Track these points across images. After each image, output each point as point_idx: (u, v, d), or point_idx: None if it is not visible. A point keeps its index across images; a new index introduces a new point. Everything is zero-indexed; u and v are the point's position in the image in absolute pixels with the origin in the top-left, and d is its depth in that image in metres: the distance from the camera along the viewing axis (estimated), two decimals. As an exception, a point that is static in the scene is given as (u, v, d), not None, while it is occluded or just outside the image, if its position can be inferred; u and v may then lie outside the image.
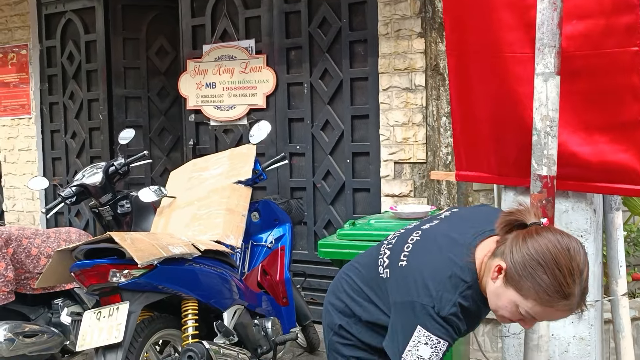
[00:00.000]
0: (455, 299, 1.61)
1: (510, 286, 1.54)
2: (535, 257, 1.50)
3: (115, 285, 2.69)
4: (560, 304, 1.50)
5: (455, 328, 1.63)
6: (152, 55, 5.94)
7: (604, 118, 2.30)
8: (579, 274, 1.49)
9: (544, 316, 1.56)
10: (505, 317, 1.63)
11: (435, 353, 1.61)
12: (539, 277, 1.49)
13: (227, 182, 3.69)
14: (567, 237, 1.56)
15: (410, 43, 4.31)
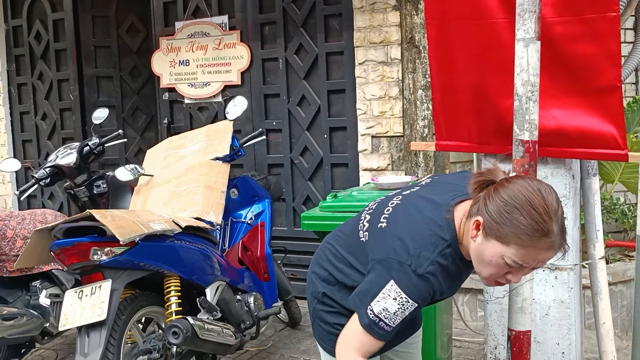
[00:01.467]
0: (433, 257, 1.61)
1: (490, 238, 1.54)
2: (510, 202, 1.51)
3: (96, 263, 2.66)
4: (541, 241, 1.50)
5: (430, 288, 1.62)
6: (123, 33, 5.82)
7: (583, 84, 2.32)
8: (554, 212, 1.51)
9: (529, 258, 1.53)
10: (492, 277, 1.60)
11: (401, 310, 1.61)
12: (516, 219, 1.49)
13: (204, 158, 3.66)
14: (537, 181, 1.57)
15: (385, 16, 4.30)
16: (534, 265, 1.56)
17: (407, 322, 1.66)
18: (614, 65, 2.25)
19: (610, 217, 4.45)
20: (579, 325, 2.65)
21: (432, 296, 1.65)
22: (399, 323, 1.63)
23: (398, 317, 1.62)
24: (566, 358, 2.59)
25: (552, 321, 2.59)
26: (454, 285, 1.75)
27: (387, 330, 1.63)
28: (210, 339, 2.95)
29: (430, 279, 1.60)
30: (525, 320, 2.01)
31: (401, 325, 1.65)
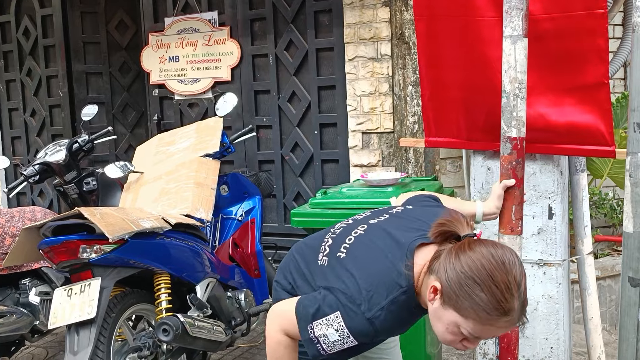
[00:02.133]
0: (385, 303, 1.54)
1: (448, 307, 1.46)
2: (470, 275, 1.42)
3: (85, 261, 2.65)
4: (501, 321, 1.42)
5: (374, 331, 1.56)
6: (112, 29, 5.79)
7: (570, 80, 2.34)
8: (516, 288, 1.42)
9: (486, 334, 1.47)
10: (446, 341, 1.53)
11: (340, 342, 1.57)
12: (476, 295, 1.41)
13: (194, 155, 3.65)
14: (500, 248, 1.47)
15: (375, 12, 4.30)
16: (490, 338, 1.53)
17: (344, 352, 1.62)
18: (601, 61, 2.26)
19: (599, 212, 4.48)
20: (568, 320, 2.67)
21: (374, 338, 1.60)
22: (335, 352, 1.60)
23: (336, 347, 1.59)
24: (554, 353, 2.61)
25: (541, 316, 2.60)
26: (402, 326, 1.69)
27: (321, 353, 1.61)
28: (200, 336, 2.95)
29: (376, 324, 1.55)
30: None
31: (338, 356, 1.62)
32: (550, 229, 2.56)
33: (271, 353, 1.69)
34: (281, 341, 1.66)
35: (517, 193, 1.98)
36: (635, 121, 1.79)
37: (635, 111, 1.79)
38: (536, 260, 2.58)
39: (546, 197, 2.56)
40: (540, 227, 2.57)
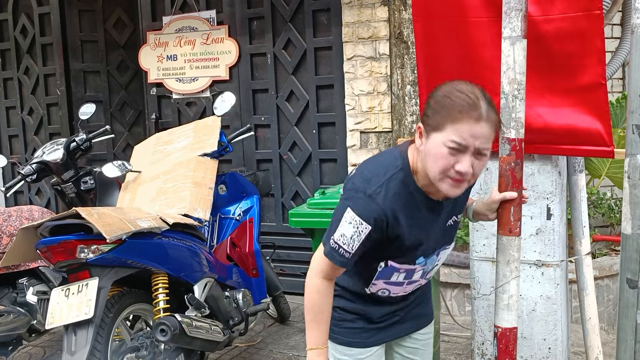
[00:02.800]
0: (383, 180, 1.70)
1: (430, 133, 1.62)
2: (440, 95, 1.62)
3: (83, 261, 2.65)
4: (471, 113, 1.56)
5: (379, 208, 1.67)
6: (110, 27, 5.78)
7: (569, 81, 2.33)
8: (479, 92, 1.60)
9: (465, 133, 1.57)
10: (444, 172, 1.62)
11: (356, 234, 1.69)
12: (446, 104, 1.59)
13: (192, 155, 3.64)
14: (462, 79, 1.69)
15: (373, 11, 4.29)
16: (473, 143, 1.58)
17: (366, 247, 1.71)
18: (598, 62, 2.26)
19: (597, 211, 4.48)
20: (565, 321, 2.67)
21: (385, 221, 1.69)
22: (358, 248, 1.70)
23: (355, 241, 1.69)
24: (552, 353, 2.61)
25: (539, 317, 2.60)
26: (416, 224, 1.75)
27: (345, 257, 1.72)
28: (198, 336, 2.95)
29: (378, 200, 1.67)
30: (511, 317, 2.02)
31: (363, 249, 1.71)
32: (549, 229, 2.56)
33: (306, 301, 1.80)
34: (315, 284, 1.79)
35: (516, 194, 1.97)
36: (634, 123, 1.79)
37: (634, 113, 1.79)
38: (534, 261, 2.58)
39: (544, 198, 2.55)
40: (539, 227, 2.57)
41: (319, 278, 1.79)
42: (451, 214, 1.87)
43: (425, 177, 1.70)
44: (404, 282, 1.88)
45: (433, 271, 1.95)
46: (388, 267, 1.81)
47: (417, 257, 1.82)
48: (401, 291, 1.92)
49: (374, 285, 1.88)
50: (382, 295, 1.91)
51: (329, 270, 1.78)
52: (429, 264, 1.88)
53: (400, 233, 1.73)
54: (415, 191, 1.73)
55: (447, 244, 1.91)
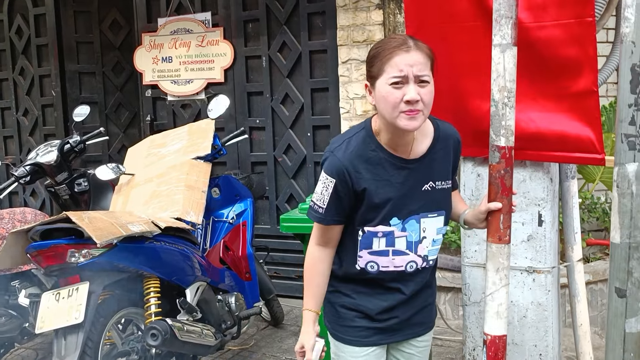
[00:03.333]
0: (344, 139, 1.88)
1: (374, 82, 1.79)
2: (373, 49, 1.82)
3: (74, 265, 2.64)
4: (400, 48, 1.74)
5: (340, 163, 1.83)
6: (105, 29, 5.77)
7: (560, 88, 2.33)
8: (403, 35, 1.83)
9: (402, 64, 1.73)
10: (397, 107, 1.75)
11: (325, 188, 1.86)
12: (380, 49, 1.78)
13: (186, 158, 3.64)
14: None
15: (368, 15, 4.28)
16: (411, 70, 1.73)
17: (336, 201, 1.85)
18: (590, 69, 2.26)
19: (591, 215, 4.48)
20: (557, 327, 2.67)
21: (347, 173, 1.82)
22: (329, 202, 1.85)
23: (324, 196, 1.86)
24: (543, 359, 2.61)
25: (530, 323, 2.60)
26: (381, 179, 1.85)
27: (320, 212, 1.88)
28: (189, 340, 2.94)
29: (339, 154, 1.84)
30: (500, 325, 2.02)
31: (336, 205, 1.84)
32: (540, 236, 2.56)
33: (305, 268, 1.97)
34: (309, 250, 1.96)
35: (506, 202, 1.97)
36: (623, 132, 1.78)
37: (623, 122, 1.78)
38: (526, 267, 2.58)
39: (536, 204, 2.55)
40: (530, 234, 2.57)
41: (312, 244, 1.96)
42: (426, 178, 1.91)
43: (387, 133, 1.84)
44: (388, 251, 1.91)
45: (425, 248, 1.94)
46: (366, 233, 1.89)
47: (390, 216, 1.87)
48: (391, 265, 1.92)
49: (360, 258, 1.93)
50: (372, 272, 1.93)
51: (317, 233, 1.94)
52: (409, 230, 1.90)
53: (366, 186, 1.83)
54: (378, 148, 1.86)
55: (429, 211, 1.92)
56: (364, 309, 1.98)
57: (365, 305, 1.98)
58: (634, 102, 1.77)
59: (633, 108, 1.77)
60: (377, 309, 1.97)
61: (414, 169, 1.88)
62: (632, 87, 1.77)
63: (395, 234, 1.89)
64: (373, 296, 1.97)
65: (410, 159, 1.87)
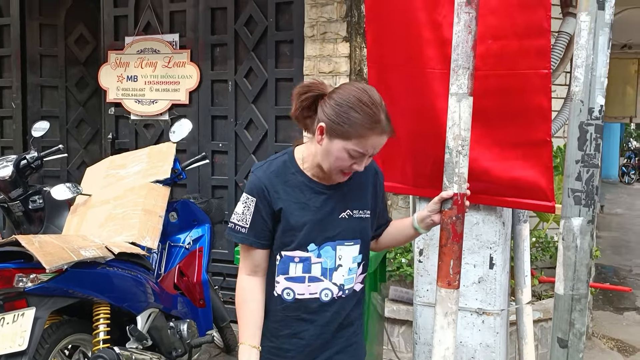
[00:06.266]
0: (266, 161, 1.92)
1: (334, 137, 1.78)
2: (344, 104, 1.76)
3: (21, 290, 2.58)
4: (375, 129, 1.76)
5: (259, 181, 1.85)
6: (71, 43, 5.72)
7: (515, 136, 2.39)
8: (379, 104, 1.79)
9: (368, 146, 1.78)
10: (339, 169, 1.82)
11: (246, 207, 1.86)
12: (352, 116, 1.75)
13: (145, 181, 3.61)
14: (359, 83, 1.87)
15: (335, 46, 4.34)
16: (372, 152, 1.80)
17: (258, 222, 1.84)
18: (544, 120, 2.32)
19: (545, 254, 4.57)
20: (504, 369, 2.71)
21: (266, 190, 1.84)
22: (251, 222, 1.84)
23: (246, 215, 1.85)
24: (490, 401, 2.64)
25: (478, 364, 2.63)
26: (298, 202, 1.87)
27: (242, 232, 1.86)
28: (137, 370, 2.89)
29: (259, 173, 1.87)
30: (447, 368, 2.04)
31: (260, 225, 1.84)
32: (491, 278, 2.60)
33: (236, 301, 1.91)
34: (240, 283, 1.91)
35: (456, 248, 2.00)
36: (569, 187, 1.84)
37: (570, 177, 1.84)
38: (475, 309, 2.62)
39: (488, 247, 2.60)
40: (481, 276, 2.61)
41: (241, 275, 1.92)
42: (344, 206, 1.92)
43: (313, 166, 1.88)
44: (305, 277, 1.89)
45: (341, 276, 1.91)
46: (283, 257, 1.88)
47: (307, 241, 1.87)
48: (306, 292, 1.89)
49: (277, 284, 1.90)
50: (288, 300, 1.89)
51: (244, 261, 1.91)
52: (324, 256, 1.88)
53: (282, 206, 1.85)
54: (297, 172, 1.89)
55: (345, 239, 1.92)
56: (283, 353, 1.91)
57: (285, 347, 1.91)
58: (580, 159, 1.83)
59: (580, 164, 1.83)
60: (295, 349, 1.91)
61: (332, 195, 1.90)
62: (580, 144, 1.83)
63: (312, 259, 1.89)
64: (291, 336, 1.91)
65: (328, 185, 1.90)
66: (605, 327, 5.27)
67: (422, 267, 2.73)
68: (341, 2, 4.29)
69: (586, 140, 1.81)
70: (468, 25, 1.96)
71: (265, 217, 1.85)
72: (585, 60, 1.79)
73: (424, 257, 2.73)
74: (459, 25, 1.96)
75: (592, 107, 1.79)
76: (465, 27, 1.96)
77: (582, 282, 1.85)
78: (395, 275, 4.28)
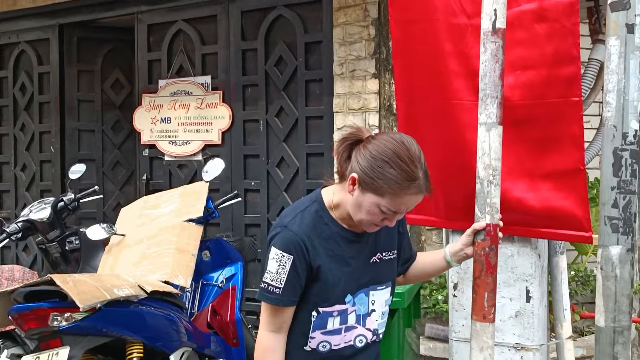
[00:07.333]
0: (297, 212, 1.78)
1: (366, 191, 1.68)
2: (379, 157, 1.66)
3: (55, 329, 2.60)
4: (411, 189, 1.66)
5: (296, 236, 1.72)
6: (107, 88, 5.88)
7: (547, 165, 2.35)
8: (418, 159, 1.67)
9: (402, 204, 1.69)
10: (369, 222, 1.73)
11: (281, 266, 1.71)
12: (387, 172, 1.64)
13: (178, 220, 3.63)
14: (398, 134, 1.74)
15: (364, 83, 4.37)
16: (405, 210, 1.71)
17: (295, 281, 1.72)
18: (577, 148, 2.28)
19: (585, 288, 4.44)
20: (546, 407, 2.61)
21: (304, 246, 1.72)
22: (287, 282, 1.71)
23: (281, 275, 1.71)
24: None
25: (518, 402, 2.54)
26: (334, 254, 1.78)
27: (277, 293, 1.72)
28: (171, 409, 2.87)
29: (294, 228, 1.73)
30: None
31: (294, 284, 1.72)
32: (528, 312, 2.53)
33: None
34: (259, 339, 1.78)
35: (490, 280, 1.96)
36: (606, 214, 1.79)
37: (606, 204, 1.79)
38: (513, 344, 2.54)
39: (524, 280, 2.54)
40: (518, 310, 2.54)
41: (263, 331, 1.79)
42: (374, 251, 1.86)
43: (344, 211, 1.78)
44: (342, 329, 1.83)
45: (375, 322, 1.87)
46: (321, 313, 1.79)
47: (344, 294, 1.80)
48: (342, 341, 1.83)
49: (312, 339, 1.82)
50: (323, 352, 1.83)
51: (270, 318, 1.77)
52: (358, 304, 1.83)
53: (321, 263, 1.75)
54: (331, 222, 1.79)
55: (378, 284, 1.87)
56: None
57: None
58: (616, 185, 1.79)
59: (616, 191, 1.79)
60: None
61: (365, 242, 1.83)
62: (615, 170, 1.79)
63: (348, 310, 1.82)
64: None
65: (359, 232, 1.82)
66: (652, 364, 5.05)
67: (457, 301, 2.68)
68: (369, 39, 4.34)
69: (621, 166, 1.78)
70: (495, 54, 1.95)
71: (301, 274, 1.74)
72: (616, 84, 1.77)
73: (458, 292, 2.67)
74: (485, 54, 1.96)
75: (625, 131, 1.76)
76: (492, 56, 1.95)
77: (624, 314, 1.79)
78: (431, 312, 4.21)
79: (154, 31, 5.33)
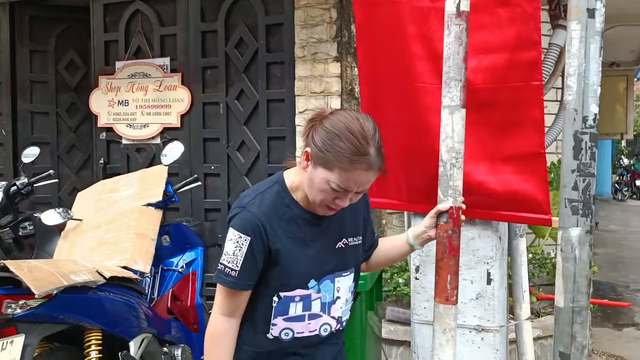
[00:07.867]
0: (257, 193, 1.74)
1: (317, 165, 1.65)
2: (331, 130, 1.63)
3: (9, 316, 2.52)
4: (360, 163, 1.61)
5: (255, 218, 1.68)
6: (62, 69, 5.71)
7: (509, 149, 2.37)
8: (371, 136, 1.64)
9: (351, 181, 1.64)
10: (322, 202, 1.69)
11: (238, 248, 1.67)
12: (337, 145, 1.61)
13: (136, 204, 3.56)
14: (356, 111, 1.72)
15: (326, 67, 4.34)
16: (356, 189, 1.66)
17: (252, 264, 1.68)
18: (537, 132, 2.31)
19: (542, 270, 4.54)
20: (505, 387, 2.66)
21: (262, 228, 1.68)
22: (243, 264, 1.67)
23: (238, 257, 1.67)
24: (491, 420, 2.58)
25: (478, 382, 2.58)
26: (295, 237, 1.74)
27: (233, 275, 1.68)
28: (129, 396, 2.83)
29: (252, 209, 1.70)
30: (447, 386, 1.99)
31: (251, 267, 1.67)
32: (489, 294, 2.56)
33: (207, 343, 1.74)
34: (211, 322, 1.73)
35: (452, 262, 1.97)
36: (566, 197, 1.82)
37: (566, 187, 1.82)
38: (474, 326, 2.57)
39: (485, 262, 2.56)
40: (479, 292, 2.57)
41: (216, 314, 1.74)
42: (339, 236, 1.83)
43: (305, 194, 1.74)
44: (305, 315, 1.79)
45: (340, 309, 1.85)
46: (282, 298, 1.75)
47: (307, 279, 1.76)
48: (306, 330, 1.80)
49: (274, 327, 1.78)
50: (285, 340, 1.79)
51: (224, 301, 1.72)
52: (324, 291, 1.80)
53: (280, 246, 1.71)
54: (292, 204, 1.76)
55: (343, 270, 1.84)
56: None
57: None
58: (576, 168, 1.81)
59: (576, 173, 1.81)
60: None
61: (328, 225, 1.80)
62: (575, 154, 1.81)
63: (312, 296, 1.78)
64: None
65: (321, 215, 1.77)
66: (604, 343, 5.21)
67: (419, 284, 2.69)
68: (331, 22, 4.31)
69: (581, 149, 1.80)
70: (459, 37, 1.95)
71: (258, 257, 1.69)
72: (577, 68, 1.78)
73: (420, 274, 2.69)
74: (449, 37, 1.96)
75: (586, 115, 1.78)
76: (456, 39, 1.95)
77: (582, 294, 1.82)
78: (392, 296, 4.24)
79: (110, 11, 5.19)
